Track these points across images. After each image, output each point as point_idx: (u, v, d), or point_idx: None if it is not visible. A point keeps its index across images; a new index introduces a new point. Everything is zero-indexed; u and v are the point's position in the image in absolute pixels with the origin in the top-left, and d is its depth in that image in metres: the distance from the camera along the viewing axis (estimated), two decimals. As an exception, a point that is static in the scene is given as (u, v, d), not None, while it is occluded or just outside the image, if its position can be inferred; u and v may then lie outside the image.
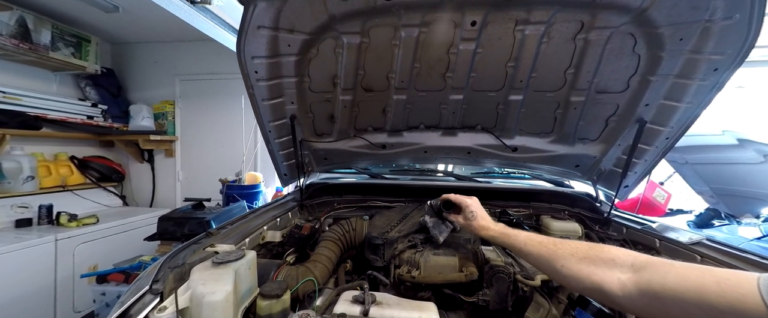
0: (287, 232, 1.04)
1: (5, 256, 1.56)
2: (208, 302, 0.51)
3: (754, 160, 1.93)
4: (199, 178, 2.66)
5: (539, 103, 1.06)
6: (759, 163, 1.90)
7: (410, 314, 0.54)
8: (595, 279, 0.42)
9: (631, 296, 0.38)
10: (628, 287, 0.39)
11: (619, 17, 0.78)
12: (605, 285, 0.41)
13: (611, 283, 0.40)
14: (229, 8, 1.55)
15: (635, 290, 0.38)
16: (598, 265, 0.43)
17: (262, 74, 0.96)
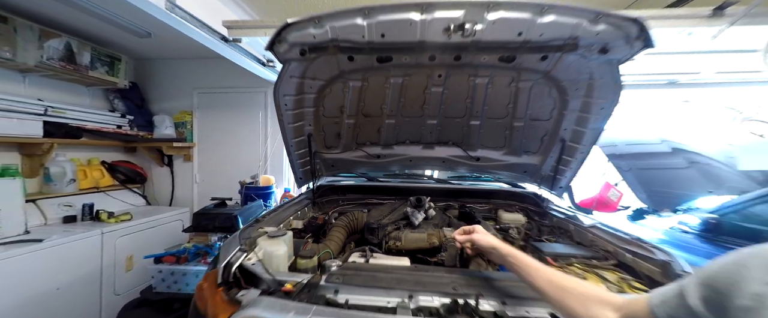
0: (307, 221, 1.41)
1: (60, 248, 1.88)
2: (276, 255, 0.88)
3: (681, 165, 2.37)
4: (215, 180, 2.99)
5: (492, 126, 1.45)
6: (684, 168, 2.33)
7: (393, 262, 0.91)
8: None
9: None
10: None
11: (535, 75, 1.18)
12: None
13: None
14: (254, 44, 1.89)
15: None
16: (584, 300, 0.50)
17: (290, 106, 1.32)
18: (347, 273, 0.84)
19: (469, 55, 1.07)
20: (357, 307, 0.70)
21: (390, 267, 0.91)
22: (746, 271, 0.34)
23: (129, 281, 2.22)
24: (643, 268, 0.88)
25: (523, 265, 0.59)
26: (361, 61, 1.14)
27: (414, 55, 1.09)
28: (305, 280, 0.79)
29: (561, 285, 0.53)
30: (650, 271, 0.85)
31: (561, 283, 0.53)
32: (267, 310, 0.65)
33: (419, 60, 1.11)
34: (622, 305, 0.46)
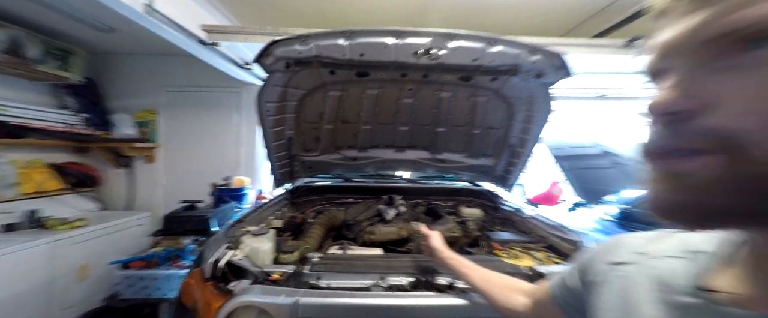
0: (286, 221, 1.49)
1: (2, 258, 1.72)
2: (262, 250, 0.97)
3: (607, 165, 2.85)
4: (182, 182, 2.87)
5: (455, 133, 1.67)
6: (610, 168, 2.81)
7: (368, 252, 1.05)
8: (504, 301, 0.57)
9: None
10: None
11: (488, 92, 1.41)
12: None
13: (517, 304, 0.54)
14: (232, 47, 1.91)
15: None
16: (506, 291, 0.58)
17: (271, 112, 1.39)
18: (327, 262, 0.97)
19: (434, 74, 1.26)
20: (337, 288, 0.83)
21: (365, 256, 1.05)
22: (597, 252, 0.41)
23: (85, 291, 2.08)
24: (563, 248, 1.13)
25: (458, 267, 0.71)
26: (341, 74, 1.27)
27: (389, 72, 1.25)
28: (291, 270, 0.90)
29: (487, 279, 0.63)
30: (568, 249, 1.10)
31: (487, 277, 0.64)
32: (260, 295, 0.76)
33: (393, 76, 1.28)
34: (532, 291, 0.53)
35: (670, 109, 0.22)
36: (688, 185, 0.22)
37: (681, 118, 0.22)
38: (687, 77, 0.22)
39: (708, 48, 0.21)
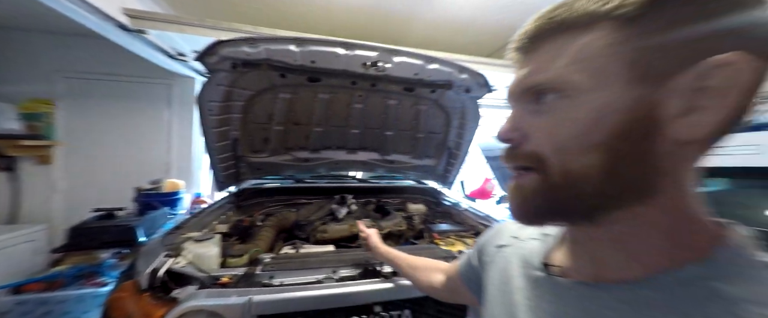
0: (232, 225, 1.44)
1: None
2: (208, 256, 0.95)
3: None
4: (91, 187, 2.42)
5: (402, 136, 1.83)
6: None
7: (319, 249, 1.12)
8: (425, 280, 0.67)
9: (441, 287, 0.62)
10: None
11: (429, 102, 1.60)
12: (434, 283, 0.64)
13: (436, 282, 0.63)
14: (162, 36, 1.71)
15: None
16: (427, 272, 0.67)
17: (215, 112, 1.33)
18: (280, 262, 1.00)
19: (382, 83, 1.39)
20: (291, 285, 0.88)
21: (318, 253, 1.12)
22: (491, 236, 0.49)
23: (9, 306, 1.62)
24: (485, 234, 1.38)
25: (391, 257, 0.80)
26: (292, 78, 1.29)
27: (340, 80, 1.32)
28: (241, 272, 0.91)
29: (413, 265, 0.72)
30: (488, 234, 1.36)
31: (413, 263, 0.73)
32: (209, 299, 0.76)
33: (344, 83, 1.36)
34: (448, 269, 0.61)
35: (504, 137, 0.30)
36: (523, 194, 0.29)
37: (511, 144, 0.30)
38: (516, 115, 0.30)
39: (525, 96, 0.29)
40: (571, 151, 0.26)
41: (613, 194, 0.26)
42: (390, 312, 0.85)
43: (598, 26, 0.24)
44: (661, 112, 0.24)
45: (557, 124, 0.27)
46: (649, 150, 0.24)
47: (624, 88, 0.24)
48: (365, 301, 0.83)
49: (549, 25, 0.27)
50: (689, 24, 0.22)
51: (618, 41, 0.24)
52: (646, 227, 0.26)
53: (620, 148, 0.24)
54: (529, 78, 0.28)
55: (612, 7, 0.24)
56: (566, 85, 0.26)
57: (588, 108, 0.25)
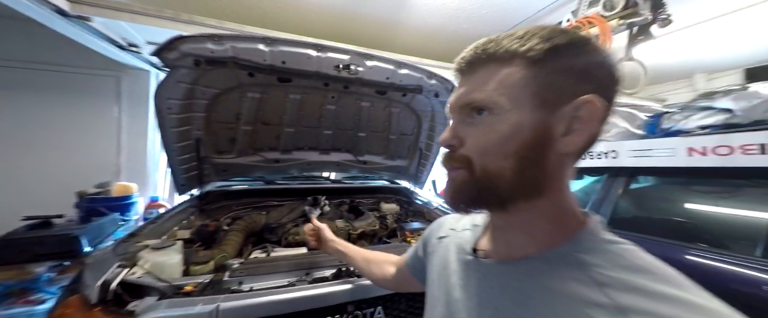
0: (195, 230, 1.36)
1: None
2: (169, 264, 0.90)
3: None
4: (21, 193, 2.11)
5: (375, 137, 1.87)
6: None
7: (292, 252, 1.11)
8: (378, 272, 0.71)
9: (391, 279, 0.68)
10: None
11: (400, 105, 1.65)
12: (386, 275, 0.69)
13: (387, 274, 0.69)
14: (110, 23, 1.54)
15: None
16: (381, 265, 0.71)
17: (174, 110, 1.24)
18: (249, 267, 0.98)
19: (354, 86, 1.40)
20: (261, 289, 0.87)
21: (289, 256, 1.10)
22: (433, 229, 0.56)
23: None
24: (453, 230, 1.47)
25: (344, 252, 0.81)
26: (261, 78, 1.26)
27: (311, 81, 1.31)
28: (207, 280, 0.88)
29: (367, 258, 0.75)
30: (456, 231, 1.45)
31: (367, 256, 0.75)
32: (171, 309, 0.72)
33: (316, 85, 1.35)
34: (398, 262, 0.66)
35: (445, 143, 0.38)
36: (455, 186, 0.37)
37: (449, 148, 0.37)
38: (455, 125, 0.38)
39: (463, 109, 0.36)
40: (491, 156, 0.34)
41: (520, 190, 0.34)
42: (363, 310, 0.88)
43: (515, 61, 0.33)
44: (552, 131, 0.33)
45: (485, 134, 0.34)
46: (544, 158, 0.33)
47: (531, 112, 0.33)
48: (338, 302, 0.85)
49: (483, 55, 0.35)
50: (571, 72, 0.32)
51: (528, 76, 0.33)
52: (540, 215, 0.35)
53: (526, 156, 0.33)
54: (468, 95, 0.35)
55: (525, 49, 0.33)
56: (494, 105, 0.33)
57: (507, 124, 0.33)
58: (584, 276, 0.31)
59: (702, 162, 1.31)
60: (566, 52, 0.33)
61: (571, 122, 0.32)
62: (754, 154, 1.17)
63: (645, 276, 0.29)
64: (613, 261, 0.31)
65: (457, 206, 0.37)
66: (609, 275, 0.30)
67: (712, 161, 1.27)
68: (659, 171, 1.56)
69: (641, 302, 0.27)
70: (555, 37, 0.33)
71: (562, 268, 0.32)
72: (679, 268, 0.32)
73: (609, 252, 0.32)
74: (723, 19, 2.23)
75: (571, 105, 0.32)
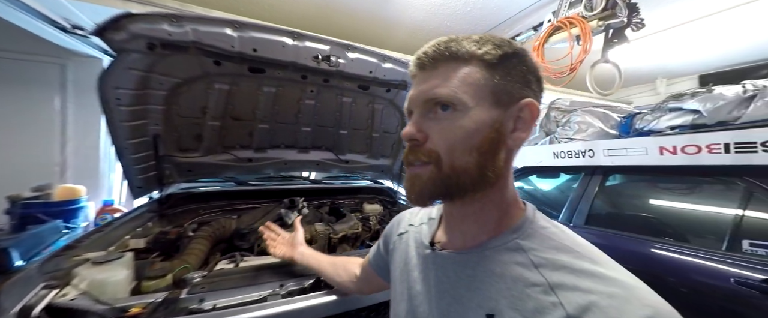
0: (152, 238, 1.20)
1: None
2: (112, 282, 0.76)
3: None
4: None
5: (357, 135, 1.78)
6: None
7: (265, 261, 1.00)
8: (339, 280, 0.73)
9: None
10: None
11: (384, 101, 1.58)
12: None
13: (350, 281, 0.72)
14: (51, 2, 1.32)
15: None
16: (348, 268, 0.73)
17: (125, 101, 1.08)
18: (214, 280, 0.87)
19: (335, 80, 1.31)
20: (226, 307, 0.76)
21: (262, 265, 0.99)
22: (393, 226, 0.58)
23: None
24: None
25: (311, 263, 0.80)
26: (229, 67, 1.12)
27: (287, 72, 1.20)
28: (160, 298, 0.75)
29: (333, 262, 0.76)
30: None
31: (334, 261, 0.77)
32: (109, 337, 0.60)
33: (293, 77, 1.24)
34: (362, 262, 0.69)
35: (411, 137, 0.38)
36: (421, 182, 0.38)
37: (416, 143, 0.38)
38: (418, 120, 0.38)
39: (426, 104, 0.38)
40: (458, 151, 0.36)
41: (480, 182, 0.37)
42: (344, 323, 0.80)
43: (473, 62, 0.37)
44: (504, 128, 0.37)
45: (451, 130, 0.36)
46: (498, 152, 0.37)
47: (489, 110, 0.36)
48: (316, 317, 0.76)
49: (446, 52, 0.37)
50: (517, 77, 0.37)
51: (486, 76, 0.36)
52: (490, 204, 0.39)
53: (486, 150, 0.36)
54: (433, 91, 0.37)
55: (482, 52, 0.36)
56: (458, 102, 0.36)
57: (471, 120, 0.36)
58: (524, 259, 0.35)
59: (673, 160, 1.36)
60: (514, 60, 0.37)
61: (516, 121, 0.37)
62: (718, 153, 1.23)
63: (570, 254, 0.34)
64: (545, 243, 0.36)
65: (422, 201, 0.38)
66: (543, 257, 0.35)
67: (682, 160, 1.33)
68: (634, 169, 1.62)
69: (567, 278, 0.32)
70: (504, 45, 0.37)
71: (506, 254, 0.37)
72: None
73: (543, 236, 0.37)
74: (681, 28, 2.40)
75: (516, 106, 0.37)
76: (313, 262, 0.80)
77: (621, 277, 0.31)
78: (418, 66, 0.39)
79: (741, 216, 1.19)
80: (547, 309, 0.31)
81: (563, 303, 0.31)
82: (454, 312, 0.38)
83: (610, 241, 1.50)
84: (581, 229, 1.65)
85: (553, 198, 2.11)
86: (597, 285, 0.30)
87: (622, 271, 0.32)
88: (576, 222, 1.70)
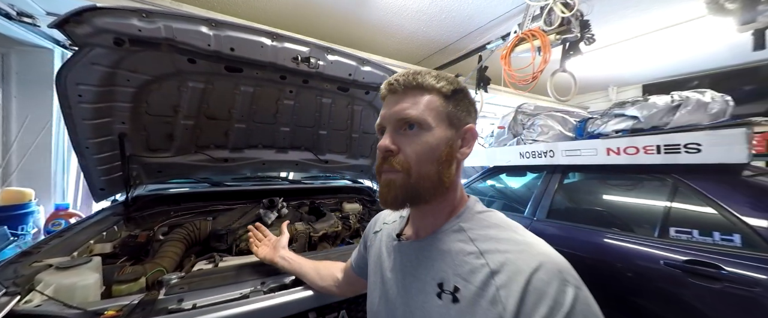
0: (119, 242, 1.14)
1: None
2: (82, 286, 0.73)
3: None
4: None
5: (337, 135, 1.80)
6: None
7: (245, 260, 1.01)
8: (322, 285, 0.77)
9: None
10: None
11: (363, 103, 1.62)
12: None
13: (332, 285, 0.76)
14: None
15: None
16: (331, 272, 0.78)
17: (87, 98, 1.02)
18: (193, 281, 0.86)
19: (314, 81, 1.33)
20: (207, 306, 0.76)
21: (242, 265, 1.00)
22: (371, 226, 0.67)
23: None
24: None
25: (295, 268, 0.83)
26: (205, 65, 1.10)
27: (266, 72, 1.20)
28: (136, 300, 0.74)
29: (316, 268, 0.80)
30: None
31: (316, 266, 0.81)
32: (82, 342, 0.59)
33: (271, 77, 1.24)
34: (345, 266, 0.75)
35: (386, 149, 0.47)
36: (394, 187, 0.46)
37: (390, 154, 0.47)
38: (392, 135, 0.48)
39: (399, 122, 0.47)
40: (424, 162, 0.45)
41: (439, 186, 0.47)
42: (326, 316, 0.83)
43: (434, 92, 0.47)
44: (455, 145, 0.48)
45: (420, 145, 0.46)
46: (451, 164, 0.47)
47: (445, 130, 0.47)
48: (298, 310, 0.79)
49: (414, 82, 0.47)
50: (462, 107, 0.49)
51: (443, 104, 0.47)
52: (445, 203, 0.49)
53: (443, 162, 0.46)
54: (405, 112, 0.46)
55: (440, 86, 0.47)
56: (424, 122, 0.46)
57: (434, 137, 0.46)
58: (464, 237, 0.46)
59: (617, 160, 1.56)
60: (461, 94, 0.49)
61: (463, 140, 0.49)
62: (652, 153, 1.43)
63: (496, 229, 0.45)
64: (480, 223, 0.47)
65: (396, 205, 0.47)
66: (477, 233, 0.45)
67: (625, 159, 1.53)
68: (587, 168, 1.82)
69: (492, 245, 0.43)
70: (454, 83, 0.48)
71: (452, 235, 0.47)
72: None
73: (479, 218, 0.48)
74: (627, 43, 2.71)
75: (463, 129, 0.49)
76: (296, 266, 0.82)
77: (529, 240, 0.42)
78: (389, 90, 0.49)
79: (669, 207, 1.39)
80: (477, 269, 0.41)
81: (489, 262, 0.41)
82: (414, 288, 0.47)
83: (569, 232, 1.67)
84: (544, 223, 1.82)
85: (521, 195, 2.29)
86: (511, 246, 0.41)
87: (532, 236, 0.43)
88: (539, 216, 1.87)
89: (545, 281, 0.37)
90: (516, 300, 0.37)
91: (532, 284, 0.37)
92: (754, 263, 1.07)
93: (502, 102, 3.74)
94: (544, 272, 0.37)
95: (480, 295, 0.39)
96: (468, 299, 0.40)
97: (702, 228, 1.25)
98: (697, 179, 1.34)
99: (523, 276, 0.37)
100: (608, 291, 1.41)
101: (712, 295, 1.12)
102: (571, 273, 0.38)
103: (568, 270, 0.38)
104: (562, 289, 0.36)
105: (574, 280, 0.38)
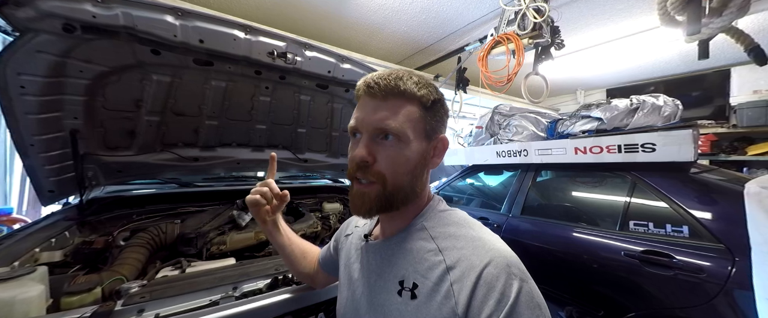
0: (72, 249, 1.04)
1: None
2: (21, 300, 0.65)
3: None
4: None
5: (316, 134, 1.76)
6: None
7: (215, 265, 0.95)
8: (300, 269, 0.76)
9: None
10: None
11: (343, 101, 1.60)
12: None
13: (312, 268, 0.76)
14: None
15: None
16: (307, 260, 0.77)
17: (31, 90, 0.91)
18: (156, 289, 0.80)
19: (292, 77, 1.29)
20: (171, 315, 0.71)
21: (213, 270, 0.94)
22: (342, 229, 0.68)
23: None
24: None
25: (284, 240, 0.75)
26: (171, 57, 1.03)
27: (239, 67, 1.14)
28: (88, 313, 0.67)
29: (304, 252, 0.77)
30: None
31: (304, 250, 0.78)
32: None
33: (245, 72, 1.18)
34: (314, 259, 0.77)
35: (362, 159, 0.45)
36: (368, 198, 0.46)
37: (365, 164, 0.45)
38: (369, 143, 0.46)
39: (376, 131, 0.46)
40: (399, 174, 0.46)
41: (411, 195, 0.48)
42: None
43: (414, 102, 0.46)
44: (428, 156, 0.49)
45: (396, 157, 0.45)
46: (423, 173, 0.49)
47: (421, 142, 0.47)
48: (275, 315, 0.76)
49: (395, 89, 0.45)
50: (439, 118, 0.49)
51: (423, 115, 0.47)
52: (412, 207, 0.51)
53: (417, 173, 0.48)
54: (384, 122, 0.45)
55: (420, 95, 0.46)
56: (404, 135, 0.45)
57: (411, 151, 0.46)
58: (426, 235, 0.47)
59: (584, 159, 1.66)
60: (438, 104, 0.49)
61: (435, 150, 0.50)
62: (614, 152, 1.54)
63: (455, 226, 0.47)
64: (441, 221, 0.49)
65: (369, 214, 0.47)
66: (438, 231, 0.47)
67: (590, 158, 1.63)
68: (557, 166, 1.92)
69: (450, 242, 0.44)
70: (433, 92, 0.48)
71: (415, 233, 0.48)
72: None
73: (440, 216, 0.50)
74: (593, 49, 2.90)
75: (436, 139, 0.50)
76: (286, 241, 0.74)
77: (483, 236, 0.44)
78: (368, 93, 0.47)
79: (629, 202, 1.51)
80: (435, 265, 0.43)
81: (445, 259, 0.43)
82: (378, 286, 0.48)
83: (541, 227, 1.75)
84: (519, 219, 1.89)
85: (498, 192, 2.37)
86: (467, 243, 0.43)
87: (487, 232, 0.46)
88: (514, 212, 1.95)
89: (494, 275, 0.39)
90: (467, 293, 0.39)
91: (483, 278, 0.39)
92: (699, 252, 1.18)
93: (480, 103, 3.87)
94: (493, 266, 0.39)
95: (435, 290, 0.41)
96: (425, 294, 0.42)
97: (656, 221, 1.37)
98: (652, 176, 1.46)
99: (475, 271, 0.39)
100: (576, 281, 1.49)
101: (665, 282, 1.22)
102: (519, 266, 0.41)
103: (516, 264, 0.41)
104: (509, 282, 0.39)
105: (520, 273, 0.40)
